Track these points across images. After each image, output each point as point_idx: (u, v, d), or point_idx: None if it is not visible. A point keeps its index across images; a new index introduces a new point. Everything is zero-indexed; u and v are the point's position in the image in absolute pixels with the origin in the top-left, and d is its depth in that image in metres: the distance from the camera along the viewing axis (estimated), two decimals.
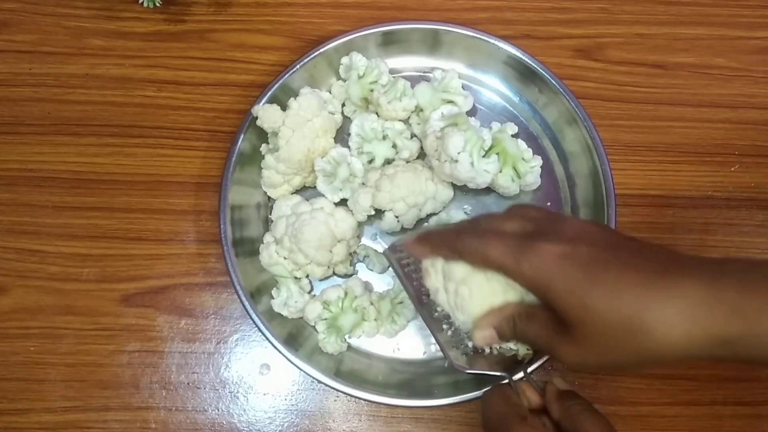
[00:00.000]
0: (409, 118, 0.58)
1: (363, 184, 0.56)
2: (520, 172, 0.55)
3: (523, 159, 0.56)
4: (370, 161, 0.57)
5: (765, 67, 0.63)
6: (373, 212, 0.55)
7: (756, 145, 0.61)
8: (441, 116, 0.55)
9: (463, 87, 0.59)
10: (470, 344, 0.46)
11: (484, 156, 0.53)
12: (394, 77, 0.59)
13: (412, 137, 0.58)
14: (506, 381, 0.45)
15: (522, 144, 0.57)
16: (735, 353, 0.35)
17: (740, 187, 0.60)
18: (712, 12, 0.65)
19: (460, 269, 0.43)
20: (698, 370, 0.55)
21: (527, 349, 0.45)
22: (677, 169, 0.60)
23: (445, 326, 0.46)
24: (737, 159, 0.60)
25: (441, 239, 0.44)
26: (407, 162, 0.57)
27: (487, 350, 0.45)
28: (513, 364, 0.46)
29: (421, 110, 0.58)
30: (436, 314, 0.47)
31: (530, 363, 0.47)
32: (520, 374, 0.46)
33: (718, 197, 0.59)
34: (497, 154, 0.54)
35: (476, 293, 0.43)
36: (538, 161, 0.56)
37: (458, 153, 0.51)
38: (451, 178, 0.54)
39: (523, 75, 0.59)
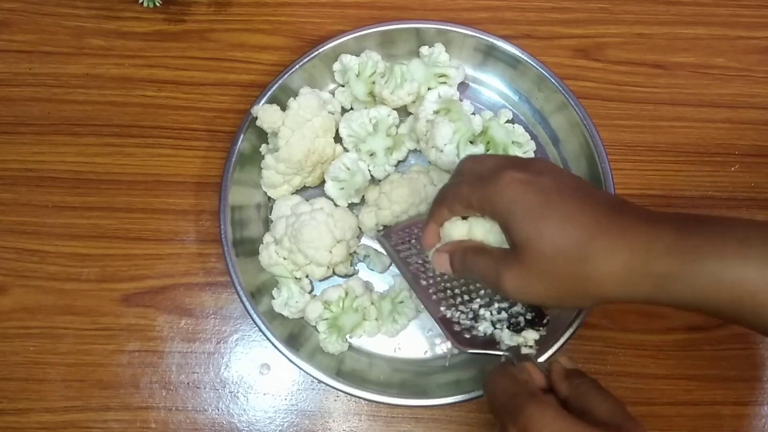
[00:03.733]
0: (414, 102, 0.58)
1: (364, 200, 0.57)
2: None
3: (515, 144, 0.57)
4: (371, 155, 0.57)
5: (765, 67, 0.63)
6: (381, 228, 0.56)
7: (756, 145, 0.61)
8: (437, 97, 0.56)
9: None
10: (476, 328, 0.45)
11: (471, 142, 0.54)
12: (388, 64, 0.59)
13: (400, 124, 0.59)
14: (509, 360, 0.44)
15: (518, 129, 0.58)
16: (668, 293, 0.37)
17: (740, 187, 0.60)
18: (712, 12, 0.65)
19: (455, 229, 0.44)
20: (698, 370, 0.55)
21: (530, 347, 0.45)
22: (677, 169, 0.60)
23: (443, 308, 0.46)
24: (737, 159, 0.60)
25: (435, 204, 0.45)
26: (408, 155, 0.57)
27: (488, 333, 0.45)
28: (516, 351, 0.45)
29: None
30: (434, 297, 0.47)
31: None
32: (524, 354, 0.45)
33: (718, 197, 0.59)
34: (486, 143, 0.56)
35: (454, 232, 0.44)
36: (531, 146, 0.57)
37: (445, 144, 0.53)
38: (436, 164, 0.55)
39: (523, 74, 0.59)
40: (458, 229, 0.43)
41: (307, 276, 0.56)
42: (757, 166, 0.60)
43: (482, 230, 0.43)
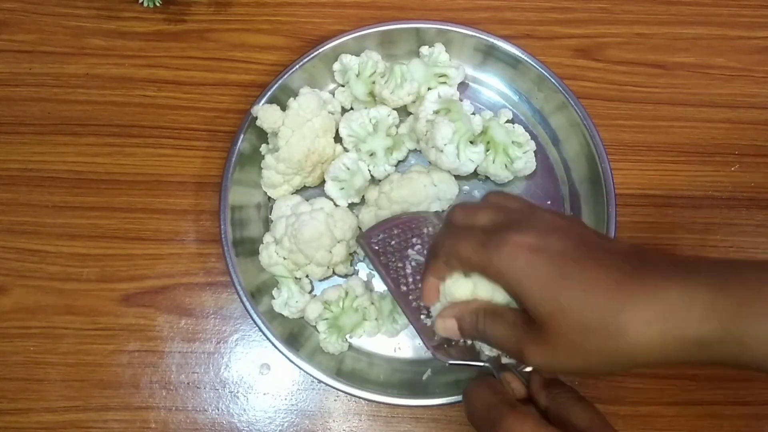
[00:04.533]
0: (414, 101, 0.58)
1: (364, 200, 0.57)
2: (512, 157, 0.56)
3: (515, 144, 0.57)
4: (371, 155, 0.57)
5: (765, 67, 0.63)
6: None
7: (756, 145, 0.61)
8: (437, 97, 0.56)
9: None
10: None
11: (472, 142, 0.54)
12: (388, 64, 0.59)
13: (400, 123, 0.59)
14: (489, 371, 0.43)
15: (518, 128, 0.58)
16: (711, 355, 0.34)
17: (740, 186, 0.60)
18: (712, 12, 0.65)
19: (458, 288, 0.41)
20: (698, 370, 0.55)
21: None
22: (677, 168, 0.60)
23: (423, 316, 0.45)
24: (737, 159, 0.60)
25: (431, 257, 0.42)
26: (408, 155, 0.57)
27: (468, 343, 0.44)
28: (497, 361, 0.44)
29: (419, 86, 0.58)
30: (414, 304, 0.46)
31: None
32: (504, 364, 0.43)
33: (718, 197, 0.60)
34: (486, 142, 0.56)
35: (456, 292, 0.41)
36: (531, 146, 0.57)
37: (444, 144, 0.53)
38: (435, 164, 0.55)
39: (523, 74, 0.59)
40: (462, 290, 0.40)
41: (307, 276, 0.56)
42: (757, 166, 0.60)
43: (488, 290, 0.40)
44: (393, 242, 0.50)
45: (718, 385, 0.55)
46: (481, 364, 0.43)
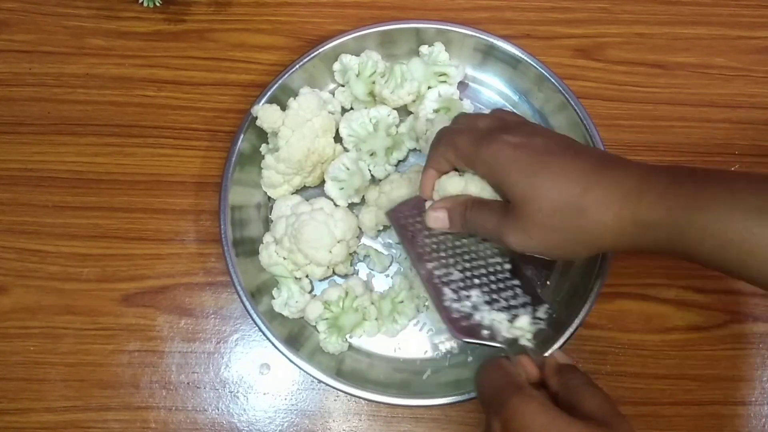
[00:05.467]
0: (414, 101, 0.58)
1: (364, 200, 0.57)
2: None
3: None
4: (372, 154, 0.57)
5: (765, 67, 0.63)
6: (381, 227, 0.56)
7: (756, 145, 0.61)
8: (437, 96, 0.55)
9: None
10: (474, 317, 0.45)
11: None
12: (388, 64, 0.59)
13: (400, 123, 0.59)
14: (505, 353, 0.44)
15: None
16: (657, 242, 0.38)
17: None
18: (712, 12, 0.65)
19: (451, 183, 0.45)
20: (698, 370, 0.55)
21: (528, 339, 0.44)
22: None
23: (445, 292, 0.46)
24: (737, 159, 0.60)
25: (432, 148, 0.46)
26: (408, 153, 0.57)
27: (486, 322, 0.45)
28: (514, 343, 0.45)
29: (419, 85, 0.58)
30: (437, 281, 0.47)
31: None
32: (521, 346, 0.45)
33: None
34: None
35: (449, 187, 0.45)
36: None
37: None
38: None
39: (523, 74, 0.59)
40: (454, 184, 0.45)
41: (307, 276, 0.56)
42: (757, 166, 0.60)
43: (477, 187, 0.44)
44: (420, 219, 0.50)
45: (718, 385, 0.55)
46: (498, 345, 0.44)
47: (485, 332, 0.45)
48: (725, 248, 0.36)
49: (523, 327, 0.44)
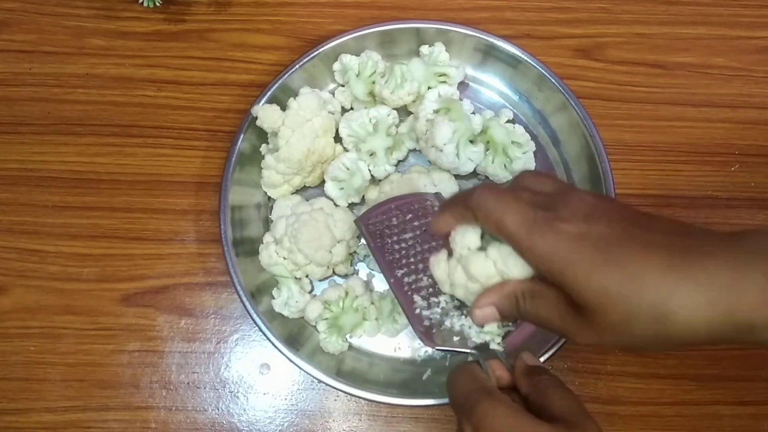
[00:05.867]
0: (414, 101, 0.58)
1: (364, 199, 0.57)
2: (511, 157, 0.56)
3: (514, 144, 0.57)
4: (371, 154, 0.57)
5: (765, 67, 0.63)
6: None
7: (756, 145, 0.61)
8: (437, 96, 0.56)
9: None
10: (445, 323, 0.45)
11: (471, 142, 0.55)
12: (388, 64, 0.59)
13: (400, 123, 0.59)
14: (475, 359, 0.43)
15: (518, 129, 0.58)
16: (759, 340, 0.34)
17: (741, 186, 0.60)
18: (712, 12, 0.65)
19: (467, 238, 0.40)
20: (698, 369, 0.55)
21: (498, 343, 0.44)
22: (678, 168, 0.60)
23: (416, 300, 0.45)
24: (737, 159, 0.60)
25: (457, 199, 0.41)
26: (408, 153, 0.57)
27: (456, 328, 0.44)
28: (485, 348, 0.44)
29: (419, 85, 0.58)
30: (407, 289, 0.46)
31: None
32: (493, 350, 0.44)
33: (718, 197, 0.59)
34: (486, 142, 0.56)
35: (474, 270, 0.40)
36: (531, 146, 0.57)
37: (444, 144, 0.53)
38: (435, 164, 0.55)
39: (523, 74, 0.59)
40: (482, 268, 0.39)
41: (307, 276, 0.56)
42: (757, 166, 0.60)
43: (517, 269, 0.39)
44: (392, 223, 0.49)
45: (718, 385, 0.55)
46: (469, 351, 0.43)
47: (456, 338, 0.44)
48: None
49: (492, 331, 0.44)
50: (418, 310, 0.45)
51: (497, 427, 0.35)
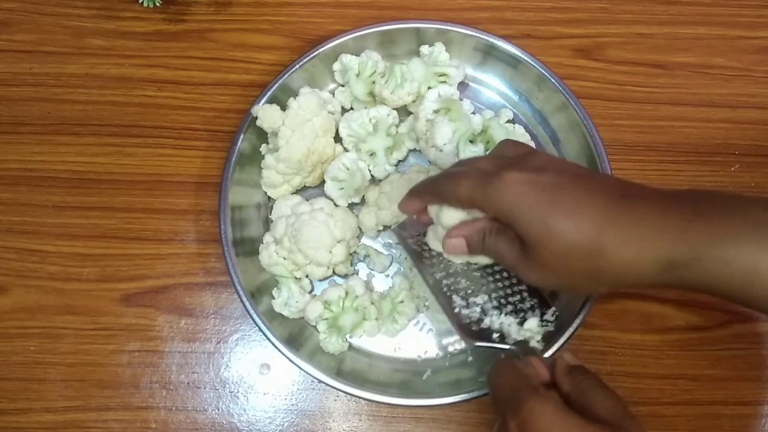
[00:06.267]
0: (414, 101, 0.58)
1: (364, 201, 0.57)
2: None
3: None
4: (371, 154, 0.57)
5: (765, 67, 0.63)
6: (381, 227, 0.56)
7: (756, 145, 0.61)
8: (437, 96, 0.56)
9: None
10: (484, 321, 0.47)
11: (471, 142, 0.55)
12: (388, 64, 0.59)
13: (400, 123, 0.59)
14: (516, 353, 0.45)
15: (518, 129, 0.58)
16: (681, 278, 0.37)
17: (741, 186, 0.60)
18: (712, 12, 0.65)
19: (447, 216, 0.44)
20: (698, 370, 0.55)
21: (538, 341, 0.46)
22: (678, 168, 0.60)
23: (454, 300, 0.47)
24: (737, 159, 0.60)
25: (423, 187, 0.45)
26: (408, 154, 0.57)
27: (495, 326, 0.46)
28: (524, 345, 0.46)
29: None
30: (446, 290, 0.48)
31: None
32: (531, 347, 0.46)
33: None
34: (486, 142, 0.56)
35: (444, 220, 0.44)
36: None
37: (444, 144, 0.53)
38: (435, 163, 0.56)
39: (523, 74, 0.59)
40: (454, 218, 0.44)
41: (307, 276, 0.56)
42: (757, 166, 0.60)
43: (446, 215, 0.44)
44: (426, 232, 0.51)
45: (718, 385, 0.55)
46: (508, 347, 0.45)
47: (495, 335, 0.46)
48: (752, 282, 0.35)
49: (532, 329, 0.45)
50: (457, 309, 0.47)
51: (545, 424, 0.36)
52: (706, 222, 0.36)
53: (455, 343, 0.55)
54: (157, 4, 0.60)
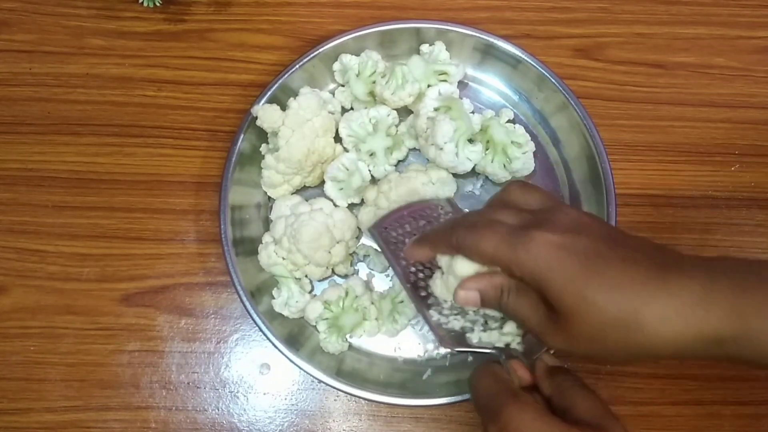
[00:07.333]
0: (414, 101, 0.58)
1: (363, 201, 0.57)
2: (510, 157, 0.56)
3: (514, 144, 0.57)
4: (371, 154, 0.57)
5: (765, 67, 0.63)
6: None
7: (756, 145, 0.61)
8: (438, 95, 0.56)
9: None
10: (458, 326, 0.45)
11: (471, 141, 0.55)
12: (388, 64, 0.59)
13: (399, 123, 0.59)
14: (496, 358, 0.43)
15: (518, 129, 0.57)
16: (727, 353, 0.36)
17: (740, 186, 0.60)
18: (712, 12, 0.65)
19: (461, 266, 0.42)
20: (698, 370, 0.55)
21: (518, 343, 0.44)
22: (677, 168, 0.60)
23: (431, 303, 0.46)
24: (737, 158, 0.60)
25: (437, 237, 0.43)
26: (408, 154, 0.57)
27: (475, 338, 0.44)
28: (504, 347, 0.45)
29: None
30: (424, 293, 0.47)
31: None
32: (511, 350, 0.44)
33: (718, 197, 0.59)
34: (486, 141, 0.56)
35: (459, 270, 0.42)
36: (530, 146, 0.57)
37: (445, 143, 0.53)
38: (434, 162, 0.55)
39: (523, 74, 0.59)
40: (469, 269, 0.41)
41: (306, 276, 0.56)
42: (757, 166, 0.60)
43: (460, 266, 0.41)
44: (405, 230, 0.50)
45: (718, 385, 0.55)
46: (489, 350, 0.44)
47: (475, 340, 0.45)
48: None
49: (511, 331, 0.44)
50: (435, 314, 0.46)
51: (525, 431, 0.35)
52: (752, 297, 0.34)
53: None
54: (157, 4, 0.60)
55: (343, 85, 0.60)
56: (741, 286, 0.35)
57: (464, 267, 0.41)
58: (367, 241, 0.58)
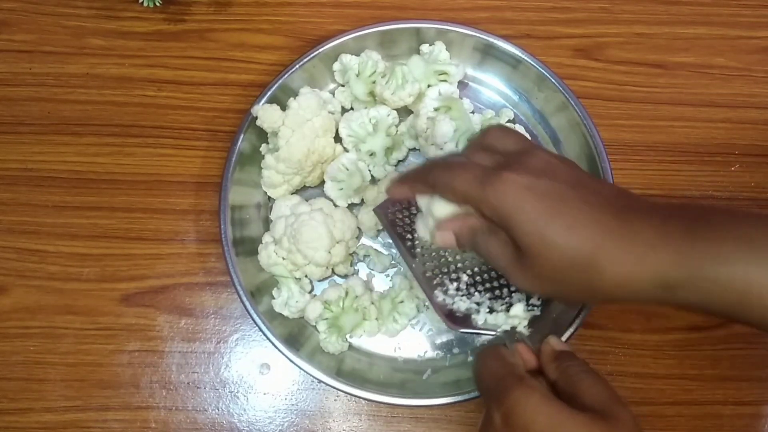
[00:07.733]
0: (414, 101, 0.58)
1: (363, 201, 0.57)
2: None
3: None
4: (371, 154, 0.57)
5: (765, 67, 0.63)
6: (381, 227, 0.56)
7: (756, 145, 0.61)
8: (438, 95, 0.56)
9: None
10: (463, 307, 0.45)
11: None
12: (388, 64, 0.59)
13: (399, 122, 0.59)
14: (501, 340, 0.44)
15: (519, 129, 0.58)
16: (675, 297, 0.37)
17: (741, 186, 0.60)
18: (712, 12, 0.65)
19: (438, 207, 0.43)
20: (698, 370, 0.55)
21: (525, 326, 0.45)
22: (678, 168, 0.60)
23: (436, 284, 0.46)
24: (737, 159, 0.60)
25: (416, 175, 0.44)
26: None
27: (480, 320, 0.45)
28: (510, 330, 0.45)
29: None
30: (429, 274, 0.47)
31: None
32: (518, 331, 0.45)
33: (718, 197, 0.59)
34: None
35: (436, 211, 0.43)
36: None
37: (445, 143, 0.53)
38: None
39: (523, 74, 0.59)
40: (445, 210, 0.42)
41: (306, 276, 0.56)
42: (757, 166, 0.60)
43: (437, 207, 0.42)
44: (411, 212, 0.50)
45: (718, 385, 0.55)
46: (494, 333, 0.44)
47: (480, 322, 0.45)
48: (746, 302, 0.35)
49: (518, 315, 0.44)
50: (441, 295, 0.46)
51: (530, 416, 0.35)
52: (701, 242, 0.36)
53: (456, 342, 0.55)
54: (157, 4, 0.60)
55: (343, 85, 0.60)
56: (689, 231, 0.36)
57: (441, 208, 0.42)
58: (367, 241, 0.58)
